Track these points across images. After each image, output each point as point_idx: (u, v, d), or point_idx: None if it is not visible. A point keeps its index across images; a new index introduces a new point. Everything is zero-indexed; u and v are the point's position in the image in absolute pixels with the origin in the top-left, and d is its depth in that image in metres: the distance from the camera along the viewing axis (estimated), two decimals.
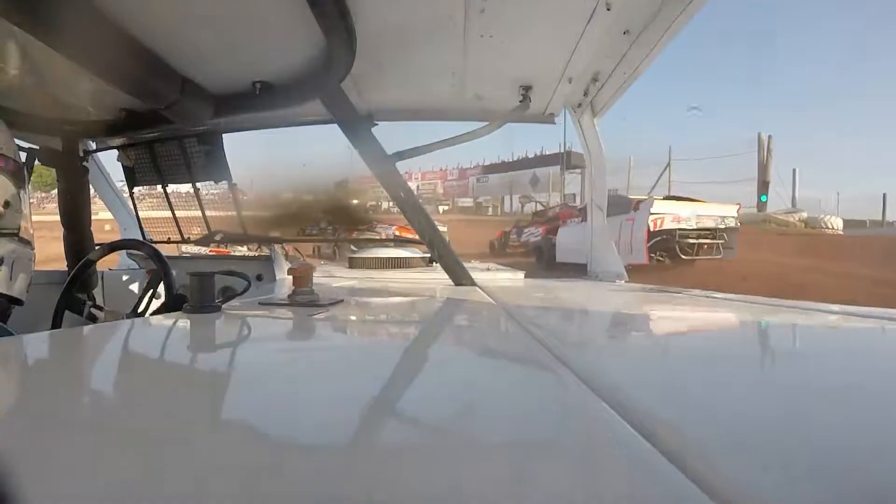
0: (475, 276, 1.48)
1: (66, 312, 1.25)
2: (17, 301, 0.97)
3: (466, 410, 0.35)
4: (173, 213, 2.00)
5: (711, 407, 0.35)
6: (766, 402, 0.37)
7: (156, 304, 1.28)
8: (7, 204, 0.92)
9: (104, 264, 1.67)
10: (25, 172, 0.99)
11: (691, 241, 7.43)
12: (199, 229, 2.01)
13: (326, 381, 0.43)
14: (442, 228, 2.71)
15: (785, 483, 0.22)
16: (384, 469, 0.25)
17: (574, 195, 17.20)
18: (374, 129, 1.43)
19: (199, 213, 1.96)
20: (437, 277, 1.60)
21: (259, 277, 1.88)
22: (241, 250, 2.45)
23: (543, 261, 9.32)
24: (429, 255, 1.67)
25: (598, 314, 1.04)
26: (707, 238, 7.55)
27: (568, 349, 0.52)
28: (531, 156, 20.64)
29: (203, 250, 2.38)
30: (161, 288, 1.25)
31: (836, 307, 0.86)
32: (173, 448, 0.27)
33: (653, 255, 7.24)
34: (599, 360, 0.52)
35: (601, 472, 0.25)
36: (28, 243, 0.99)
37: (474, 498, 0.21)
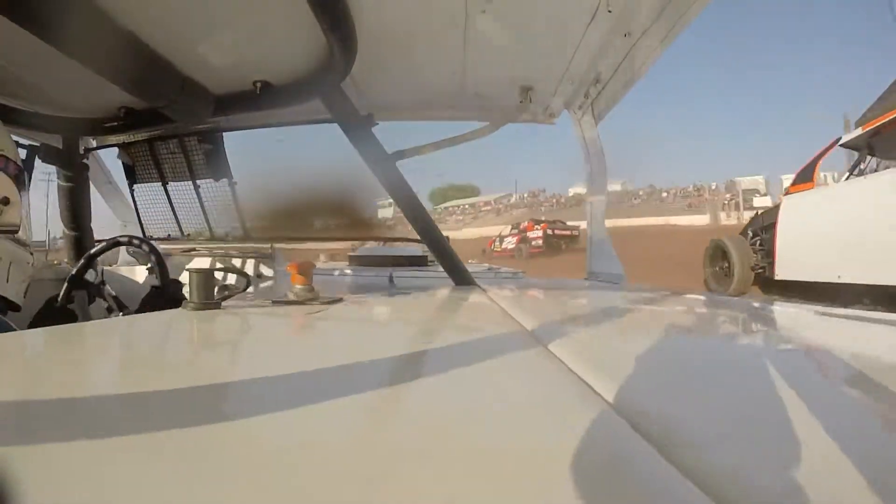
0: (475, 275, 1.49)
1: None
2: (13, 306, 0.94)
3: (467, 411, 0.35)
4: (174, 212, 2.00)
5: (721, 409, 0.35)
6: (768, 401, 0.37)
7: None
8: (6, 201, 0.92)
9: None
10: (26, 176, 0.99)
11: None
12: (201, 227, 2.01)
13: (325, 380, 0.44)
14: None
15: (792, 484, 0.23)
16: (384, 470, 0.25)
17: None
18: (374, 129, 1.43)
19: (199, 211, 1.96)
20: (436, 276, 1.60)
21: (259, 275, 1.88)
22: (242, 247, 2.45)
23: (522, 257, 15.42)
24: (428, 254, 1.67)
25: (599, 313, 1.04)
26: None
27: (568, 348, 0.52)
28: None
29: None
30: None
31: (838, 310, 0.86)
32: (172, 446, 0.27)
33: None
34: (601, 360, 0.52)
35: (605, 476, 0.25)
36: (26, 247, 0.99)
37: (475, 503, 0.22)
